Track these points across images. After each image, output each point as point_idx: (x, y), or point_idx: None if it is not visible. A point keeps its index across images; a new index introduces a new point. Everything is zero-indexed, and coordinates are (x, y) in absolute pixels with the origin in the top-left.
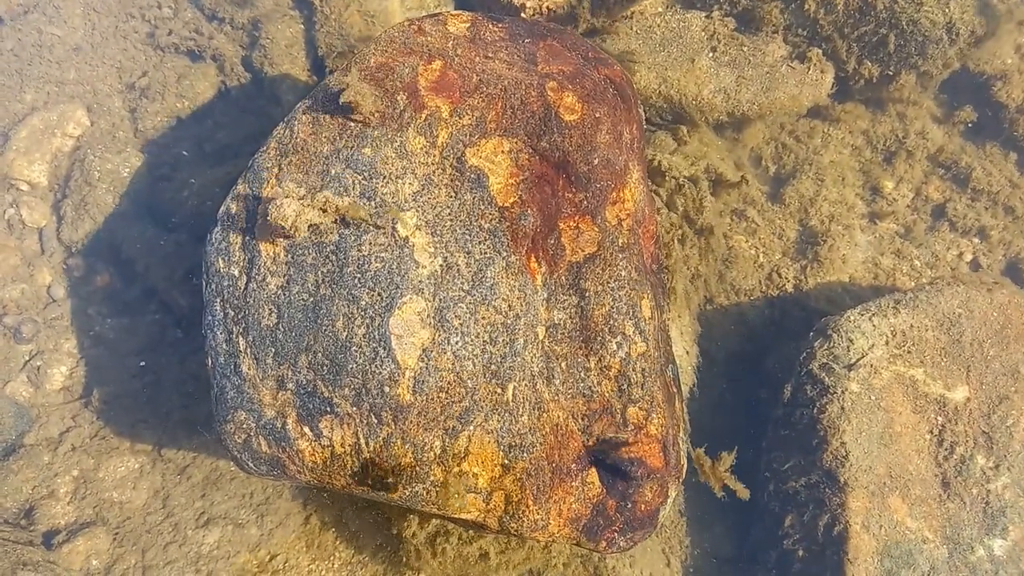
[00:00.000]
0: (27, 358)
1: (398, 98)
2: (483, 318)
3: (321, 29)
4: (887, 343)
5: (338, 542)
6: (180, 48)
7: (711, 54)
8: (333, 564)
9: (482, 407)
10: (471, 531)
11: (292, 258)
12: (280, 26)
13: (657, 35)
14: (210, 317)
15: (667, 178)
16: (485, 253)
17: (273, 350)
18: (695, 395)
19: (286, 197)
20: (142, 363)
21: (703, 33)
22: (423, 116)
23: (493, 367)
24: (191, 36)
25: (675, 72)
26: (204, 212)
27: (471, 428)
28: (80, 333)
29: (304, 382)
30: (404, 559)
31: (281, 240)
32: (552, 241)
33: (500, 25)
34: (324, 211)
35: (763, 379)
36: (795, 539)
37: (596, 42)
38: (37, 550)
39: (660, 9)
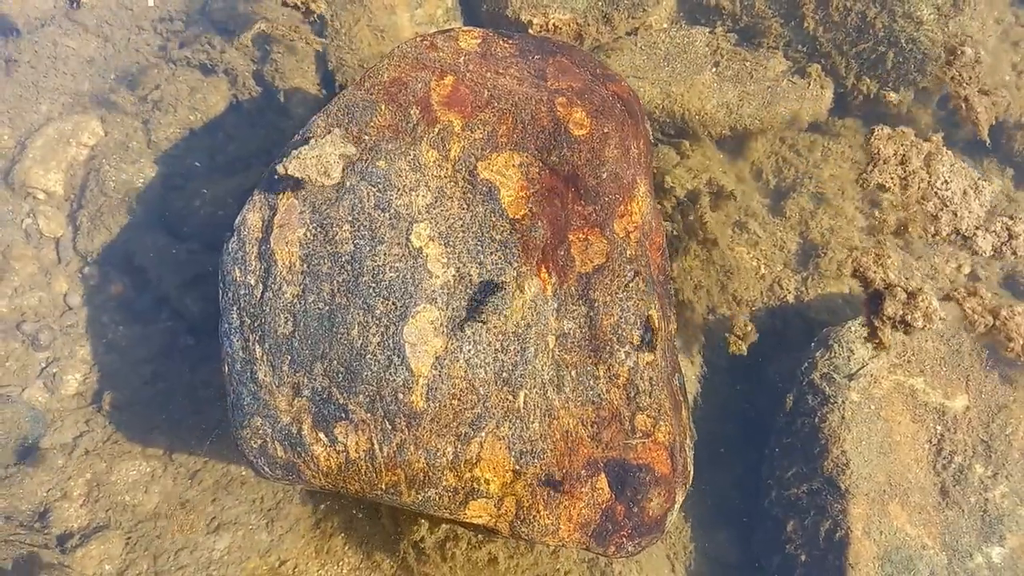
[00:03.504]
0: (44, 364)
1: (411, 112)
2: (495, 327)
3: (331, 43)
4: (887, 353)
5: (347, 547)
6: (192, 61)
7: (714, 69)
8: (342, 569)
9: (494, 414)
10: (481, 536)
11: (308, 268)
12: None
13: (661, 50)
14: (226, 325)
15: (668, 195)
16: (497, 264)
17: (289, 357)
18: (699, 404)
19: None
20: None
21: (706, 48)
22: (436, 130)
23: (505, 375)
24: (203, 49)
25: (679, 87)
26: (216, 222)
27: (483, 434)
28: (94, 340)
29: (319, 389)
30: (413, 564)
31: (297, 250)
32: (562, 252)
33: (510, 41)
34: None
35: (765, 388)
36: (797, 544)
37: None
38: (52, 552)
39: (665, 25)
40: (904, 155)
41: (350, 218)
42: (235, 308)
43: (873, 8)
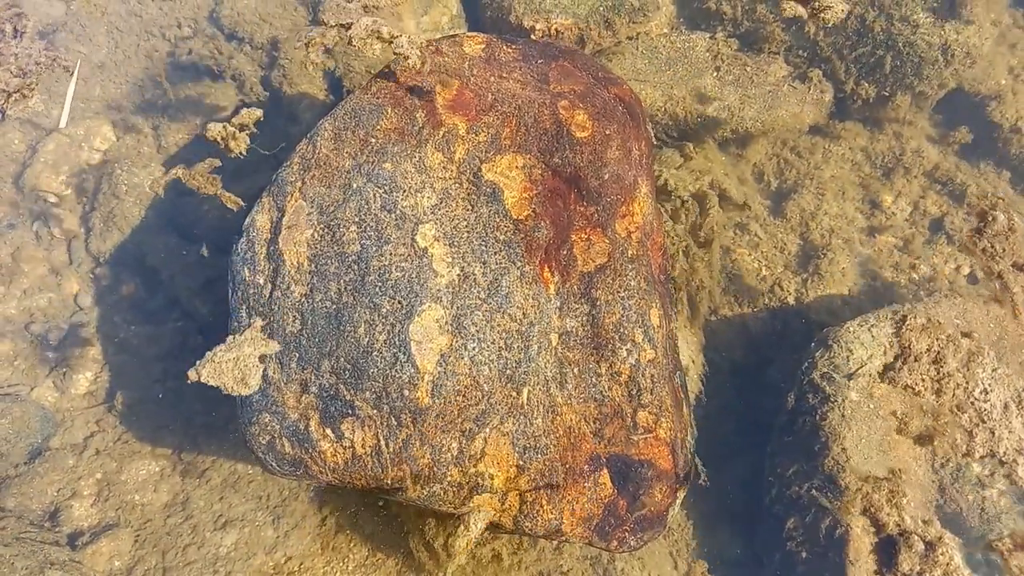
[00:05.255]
0: (53, 364)
1: (417, 115)
2: (499, 325)
3: (338, 49)
4: (885, 353)
5: (352, 544)
6: (200, 67)
7: (715, 73)
8: (347, 566)
9: (498, 410)
10: (485, 532)
11: (315, 267)
12: (298, 46)
13: (663, 55)
14: (236, 323)
15: (672, 196)
16: (500, 263)
17: (297, 355)
18: (701, 403)
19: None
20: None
21: (707, 53)
22: (441, 133)
23: (508, 372)
24: (211, 55)
25: (680, 90)
26: (224, 225)
27: (487, 430)
28: (105, 340)
29: (327, 386)
30: (419, 560)
31: (305, 250)
32: (564, 252)
33: (514, 46)
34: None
35: (766, 388)
36: (798, 541)
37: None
38: (63, 550)
39: (666, 30)
40: (939, 353)
41: (357, 219)
42: (244, 307)
43: (871, 12)
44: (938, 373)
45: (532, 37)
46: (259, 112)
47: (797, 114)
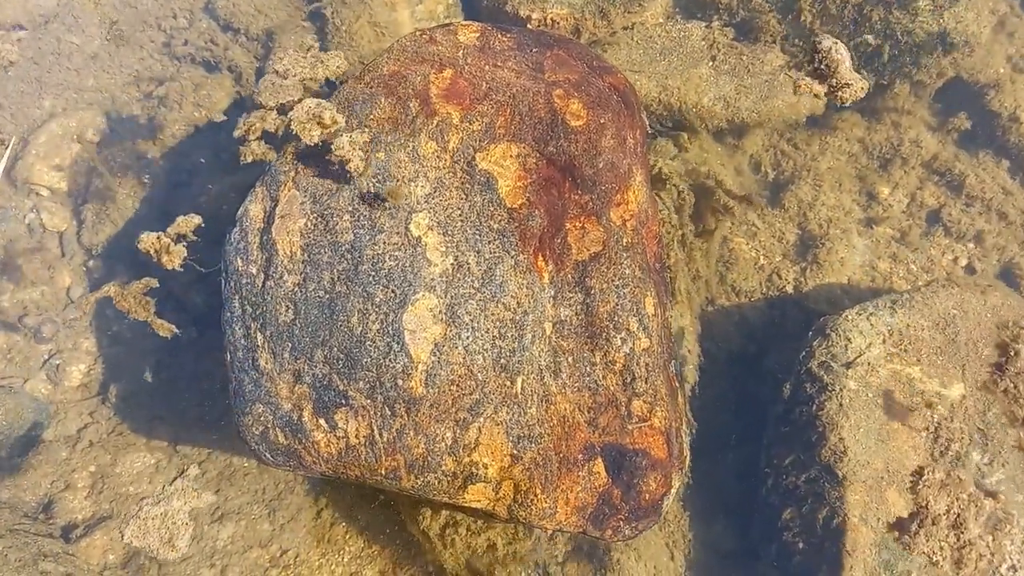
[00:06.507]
0: (46, 357)
1: (410, 105)
2: (493, 314)
3: (332, 40)
4: (884, 342)
5: (348, 536)
6: (196, 58)
7: (711, 63)
8: (343, 558)
9: (492, 399)
10: (480, 522)
11: (308, 256)
12: (293, 37)
13: (658, 45)
14: (229, 314)
15: (668, 185)
16: (494, 252)
17: (290, 345)
18: (698, 393)
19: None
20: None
21: (703, 43)
22: (435, 122)
23: (502, 361)
24: (207, 47)
25: (675, 80)
26: (219, 217)
27: (481, 420)
28: (98, 333)
29: (320, 376)
30: (415, 550)
31: (298, 240)
32: (559, 241)
33: (509, 35)
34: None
35: (764, 378)
36: (795, 532)
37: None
38: (57, 542)
39: (661, 20)
40: (959, 515)
41: (350, 208)
42: (237, 297)
43: (869, 1)
44: (958, 540)
45: (528, 26)
46: (197, 219)
47: (793, 104)
